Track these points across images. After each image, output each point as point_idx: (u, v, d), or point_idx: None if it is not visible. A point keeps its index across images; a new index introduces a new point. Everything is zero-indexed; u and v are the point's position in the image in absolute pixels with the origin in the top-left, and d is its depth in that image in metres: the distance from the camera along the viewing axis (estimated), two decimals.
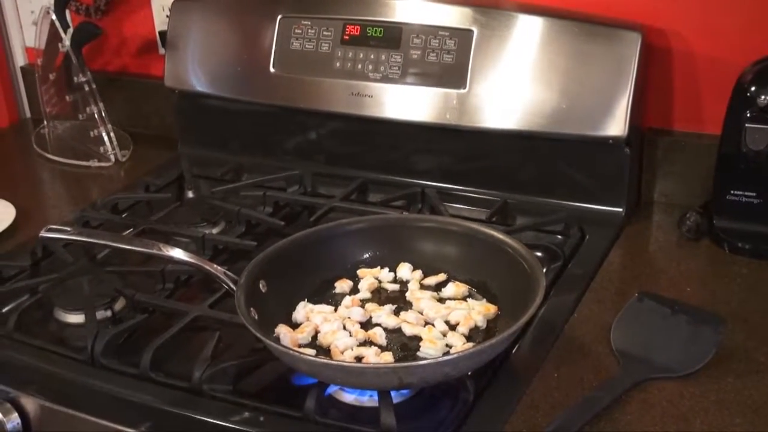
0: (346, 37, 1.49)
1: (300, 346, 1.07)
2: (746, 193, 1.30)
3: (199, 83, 1.64)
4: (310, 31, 1.51)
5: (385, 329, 1.10)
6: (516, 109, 1.38)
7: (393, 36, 1.46)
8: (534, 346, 1.10)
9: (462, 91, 1.41)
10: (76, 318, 1.20)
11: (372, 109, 1.48)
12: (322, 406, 1.00)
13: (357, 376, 0.97)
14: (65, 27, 1.71)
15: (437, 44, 1.42)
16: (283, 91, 1.55)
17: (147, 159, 1.73)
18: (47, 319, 1.22)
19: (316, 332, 1.09)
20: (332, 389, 1.03)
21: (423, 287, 1.19)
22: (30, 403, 1.11)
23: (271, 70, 1.55)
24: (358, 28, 1.48)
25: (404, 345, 1.08)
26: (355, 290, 1.19)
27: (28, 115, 1.99)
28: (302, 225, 1.35)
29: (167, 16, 1.69)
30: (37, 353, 1.13)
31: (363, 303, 1.15)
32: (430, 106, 1.44)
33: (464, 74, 1.41)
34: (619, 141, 1.35)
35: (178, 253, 1.16)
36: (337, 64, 1.49)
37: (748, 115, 1.26)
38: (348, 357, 1.04)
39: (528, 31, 1.38)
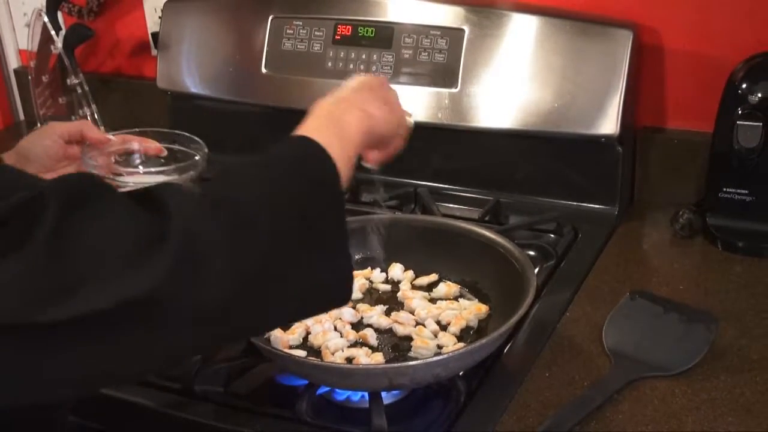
0: (338, 37, 1.49)
1: (291, 347, 1.07)
2: (739, 191, 1.30)
3: (191, 84, 1.64)
4: (301, 31, 1.51)
5: (376, 330, 1.10)
6: (508, 108, 1.38)
7: (384, 36, 1.46)
8: (526, 345, 1.09)
9: (454, 90, 1.41)
10: None
11: None
12: (313, 406, 1.00)
13: (347, 377, 0.97)
14: (57, 29, 1.71)
15: (429, 44, 1.42)
16: (275, 91, 1.55)
17: None
18: None
19: (307, 333, 1.09)
20: (324, 390, 1.02)
21: (414, 287, 1.19)
22: None
23: (263, 70, 1.55)
24: (350, 28, 1.48)
25: (396, 345, 1.08)
26: None
27: (22, 117, 1.99)
28: None
29: (159, 18, 1.69)
30: None
31: (354, 303, 1.15)
32: (422, 106, 1.43)
33: (456, 74, 1.40)
34: (612, 139, 1.35)
35: None
36: (329, 64, 1.49)
37: (740, 112, 1.26)
38: (339, 358, 1.04)
39: (519, 30, 1.38)
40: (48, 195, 0.65)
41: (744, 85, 1.26)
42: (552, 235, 1.35)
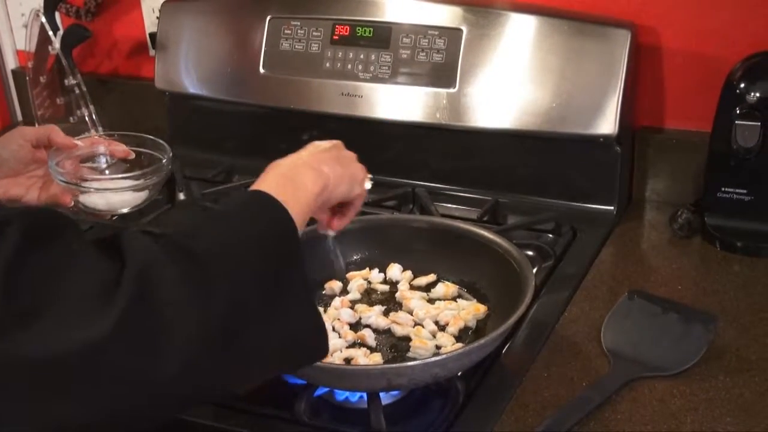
0: (336, 38, 1.49)
1: None
2: (737, 191, 1.30)
3: (189, 85, 1.64)
4: (299, 31, 1.51)
5: (375, 330, 1.10)
6: (506, 108, 1.38)
7: (382, 36, 1.46)
8: (524, 345, 1.09)
9: (452, 90, 1.41)
10: None
11: (362, 109, 1.48)
12: (312, 407, 1.00)
13: (346, 378, 0.97)
14: (55, 29, 1.70)
15: (427, 44, 1.42)
16: (273, 91, 1.54)
17: None
18: None
19: None
20: (322, 391, 1.02)
21: (413, 288, 1.18)
22: None
23: (261, 71, 1.55)
24: (348, 28, 1.48)
25: (394, 346, 1.08)
26: (344, 291, 1.19)
27: (20, 118, 1.99)
28: None
29: (157, 18, 1.69)
30: None
31: (353, 304, 1.15)
32: (420, 106, 1.43)
33: (454, 73, 1.40)
34: (610, 139, 1.35)
35: None
36: (327, 65, 1.49)
37: (738, 111, 1.26)
38: (337, 359, 1.04)
39: (517, 30, 1.38)
40: (10, 225, 0.64)
41: (742, 85, 1.26)
42: (550, 235, 1.35)
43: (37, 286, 0.63)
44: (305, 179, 0.89)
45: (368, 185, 1.02)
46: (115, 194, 1.14)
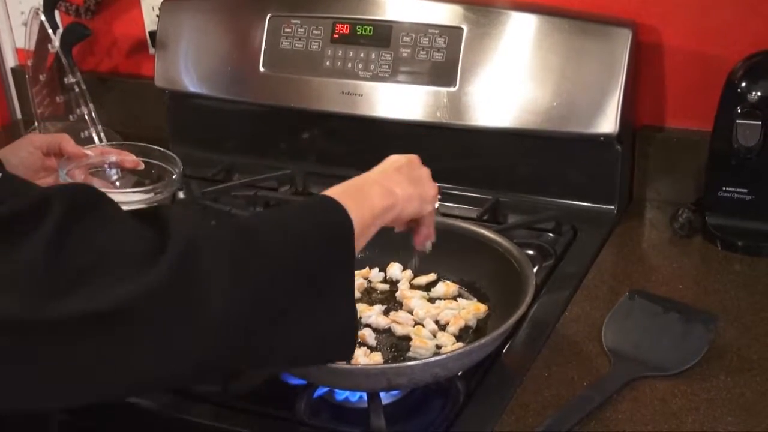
0: (336, 36, 1.48)
1: None
2: (738, 190, 1.30)
3: (189, 83, 1.63)
4: (299, 30, 1.51)
5: (375, 329, 1.10)
6: (507, 106, 1.38)
7: (383, 34, 1.45)
8: (525, 345, 1.09)
9: (452, 89, 1.40)
10: None
11: (362, 108, 1.47)
12: (312, 407, 1.00)
13: (346, 377, 0.97)
14: (54, 28, 1.70)
15: (427, 42, 1.42)
16: (273, 90, 1.54)
17: None
18: None
19: None
20: (322, 390, 1.02)
21: (413, 287, 1.18)
22: None
23: (261, 69, 1.54)
24: (348, 26, 1.48)
25: (394, 345, 1.08)
26: None
27: (19, 116, 1.99)
28: None
29: (157, 16, 1.69)
30: None
31: None
32: (420, 105, 1.43)
33: (454, 72, 1.40)
34: (611, 138, 1.35)
35: None
36: (327, 63, 1.49)
37: (739, 111, 1.26)
38: None
39: (518, 29, 1.37)
40: (53, 199, 0.66)
41: (743, 84, 1.26)
42: (551, 234, 1.34)
43: (80, 255, 0.65)
44: (374, 193, 0.91)
45: (437, 205, 1.05)
46: (125, 207, 1.14)
